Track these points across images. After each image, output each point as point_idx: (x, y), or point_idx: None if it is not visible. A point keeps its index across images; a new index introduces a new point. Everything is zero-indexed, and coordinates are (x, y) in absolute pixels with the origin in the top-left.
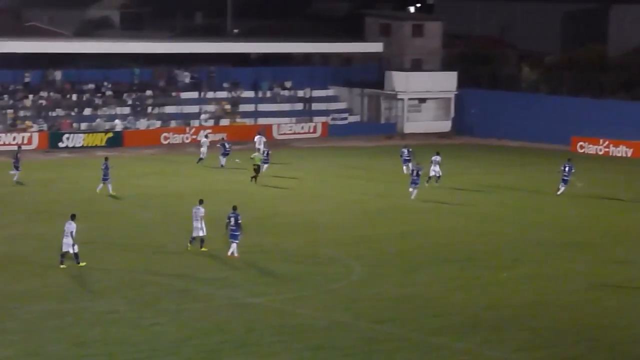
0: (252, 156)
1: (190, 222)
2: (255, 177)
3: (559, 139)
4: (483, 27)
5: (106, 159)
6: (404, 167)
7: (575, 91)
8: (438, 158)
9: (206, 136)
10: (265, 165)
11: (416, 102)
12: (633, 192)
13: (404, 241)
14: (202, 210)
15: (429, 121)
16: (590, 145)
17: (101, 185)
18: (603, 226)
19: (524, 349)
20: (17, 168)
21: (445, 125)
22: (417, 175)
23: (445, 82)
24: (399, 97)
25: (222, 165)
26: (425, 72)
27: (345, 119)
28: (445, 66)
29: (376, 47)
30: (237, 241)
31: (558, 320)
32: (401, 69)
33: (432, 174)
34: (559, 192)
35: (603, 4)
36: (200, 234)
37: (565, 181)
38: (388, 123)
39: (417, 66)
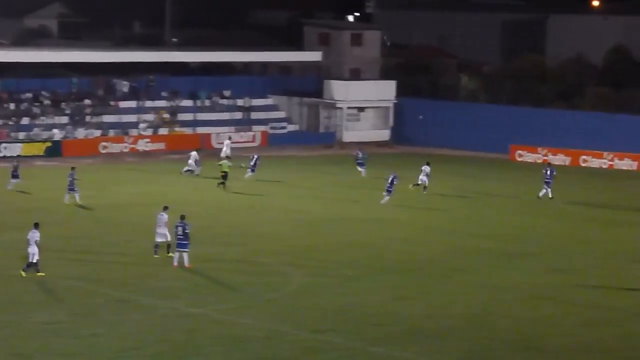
0: (219, 163)
1: (153, 230)
2: (222, 183)
3: (498, 147)
4: (422, 36)
5: (72, 168)
6: (359, 170)
7: (513, 100)
8: (427, 168)
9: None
10: (250, 173)
11: (355, 111)
12: (571, 200)
13: (345, 251)
14: (166, 216)
15: (367, 130)
16: (529, 154)
17: (68, 195)
18: (543, 235)
19: (465, 359)
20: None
21: (384, 134)
22: (392, 183)
23: (384, 91)
24: (337, 106)
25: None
26: (364, 81)
27: (284, 128)
28: (384, 75)
29: (315, 56)
30: (186, 250)
31: (498, 330)
32: (340, 78)
33: (419, 182)
34: (540, 194)
35: (541, 14)
36: (165, 239)
37: (547, 183)
38: (327, 132)
39: (356, 75)
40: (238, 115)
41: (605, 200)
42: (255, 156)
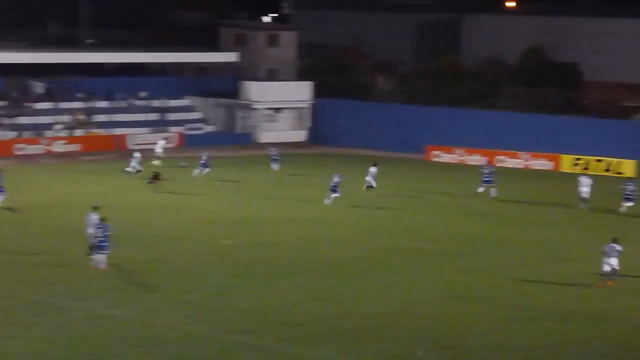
0: (152, 162)
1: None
2: (152, 182)
3: (414, 148)
4: (338, 37)
5: (0, 171)
6: (273, 166)
7: (429, 101)
8: (374, 169)
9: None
10: (207, 170)
11: (271, 112)
12: (488, 200)
13: (262, 251)
14: (95, 217)
15: (284, 131)
16: (445, 154)
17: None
18: (459, 234)
19: (382, 358)
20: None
21: (301, 135)
22: (337, 184)
23: (301, 92)
24: (254, 107)
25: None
26: (280, 82)
27: (201, 129)
28: (301, 76)
29: (231, 57)
30: (105, 252)
31: (414, 330)
32: (256, 79)
33: (367, 184)
34: (479, 190)
35: (456, 14)
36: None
37: (487, 182)
38: (243, 133)
39: (272, 76)
40: (154, 116)
41: (521, 199)
42: (206, 155)
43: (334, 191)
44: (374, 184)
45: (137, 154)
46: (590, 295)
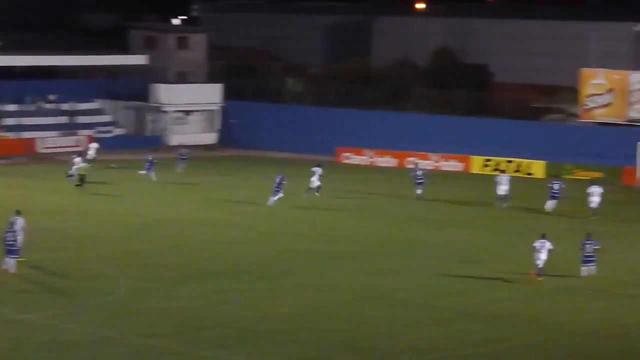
0: (80, 166)
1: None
2: (79, 184)
3: (324, 149)
4: (248, 39)
5: None
6: (179, 166)
7: (339, 102)
8: (318, 170)
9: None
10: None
11: (181, 114)
12: (399, 201)
13: (174, 255)
14: (20, 220)
15: (194, 134)
16: (355, 156)
17: None
18: (372, 236)
19: None
20: None
21: (211, 138)
22: (279, 184)
23: (210, 94)
24: (163, 109)
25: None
26: (190, 84)
27: (111, 131)
28: (211, 78)
29: (141, 59)
30: (16, 257)
31: (327, 332)
32: (166, 81)
33: (312, 185)
34: (418, 192)
35: (366, 16)
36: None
37: (419, 184)
38: (153, 136)
39: (182, 79)
40: (63, 119)
41: (432, 200)
42: (151, 157)
43: (277, 191)
44: (318, 184)
45: (77, 159)
46: (503, 296)
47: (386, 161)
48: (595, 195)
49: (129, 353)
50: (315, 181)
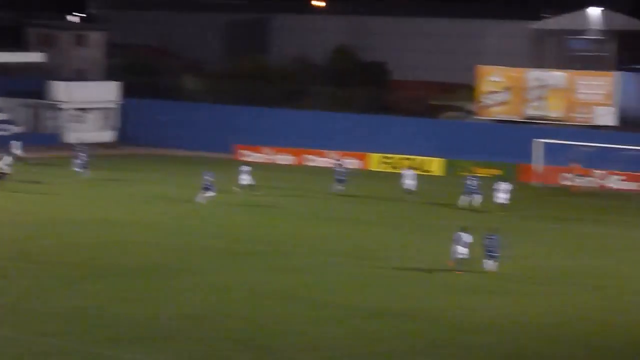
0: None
1: None
2: None
3: (222, 147)
4: (146, 37)
5: None
6: (77, 170)
7: (237, 100)
8: (246, 168)
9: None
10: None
11: (79, 112)
12: (299, 200)
13: (69, 253)
14: None
15: (92, 131)
16: (253, 154)
17: None
18: (268, 234)
19: (192, 359)
20: None
21: (109, 136)
22: (209, 183)
23: (108, 92)
24: (61, 107)
25: None
26: (87, 82)
27: (7, 130)
28: (109, 76)
29: (38, 57)
30: None
31: (225, 330)
32: (63, 79)
33: (244, 182)
34: (339, 189)
35: (265, 14)
36: None
37: (341, 181)
38: (51, 133)
39: (80, 76)
40: None
41: (331, 199)
42: (84, 155)
43: (208, 189)
44: (250, 182)
45: (7, 157)
46: (403, 293)
47: (284, 159)
48: (502, 192)
49: (26, 353)
50: (245, 179)
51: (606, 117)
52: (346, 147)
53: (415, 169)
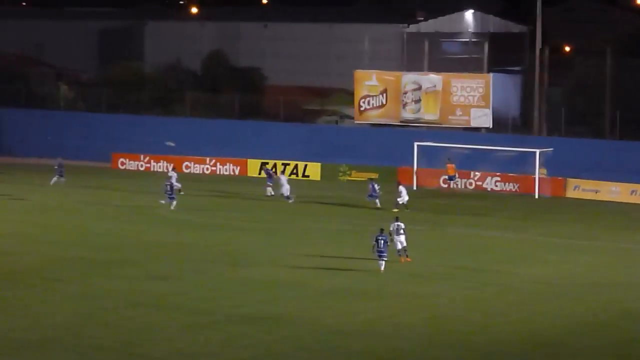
0: None
1: None
2: None
3: (100, 156)
4: (18, 45)
5: None
6: None
7: (113, 108)
8: (174, 174)
9: None
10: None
11: None
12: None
13: None
14: None
15: None
16: (131, 162)
17: None
18: (142, 242)
19: None
20: None
21: None
22: (171, 189)
23: None
24: None
25: None
26: None
27: None
28: None
29: None
30: None
31: (97, 338)
32: None
33: (175, 186)
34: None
35: (138, 21)
36: None
37: (269, 186)
38: None
39: None
40: None
41: (206, 205)
42: (60, 161)
43: (172, 198)
44: (177, 185)
45: None
46: (276, 298)
47: (161, 166)
48: (404, 194)
49: None
50: (173, 184)
51: (482, 118)
52: (224, 153)
53: (294, 173)
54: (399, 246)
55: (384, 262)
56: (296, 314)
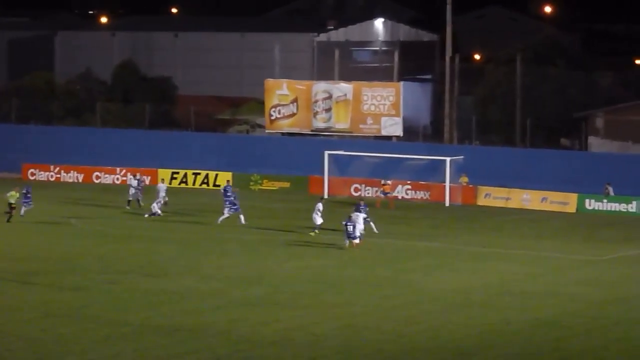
0: None
1: None
2: None
3: (10, 166)
4: None
5: None
6: None
7: (23, 119)
8: (135, 182)
9: None
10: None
11: None
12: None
13: None
14: None
15: None
16: (42, 172)
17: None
18: (54, 252)
19: None
20: None
21: None
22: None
23: None
24: None
25: None
26: None
27: None
28: None
29: None
30: None
31: (15, 350)
32: None
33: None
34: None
35: (49, 31)
36: None
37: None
38: None
39: None
40: None
41: (116, 215)
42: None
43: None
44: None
45: None
46: (192, 309)
47: (72, 176)
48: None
49: None
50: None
51: (393, 127)
52: (136, 163)
53: (205, 183)
54: (357, 233)
55: (349, 241)
56: (210, 324)
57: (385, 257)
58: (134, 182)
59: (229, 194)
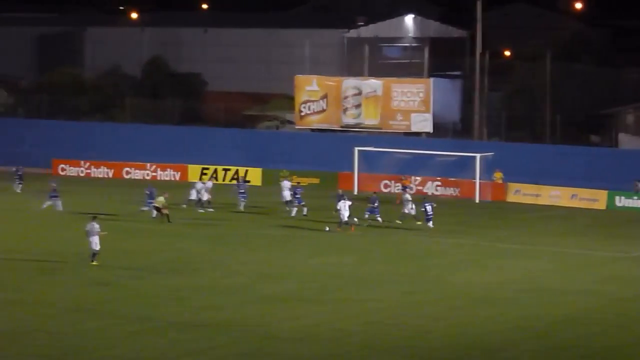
0: None
1: None
2: None
3: (40, 162)
4: None
5: None
6: None
7: (52, 114)
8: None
9: None
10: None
11: None
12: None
13: None
14: None
15: None
16: (72, 168)
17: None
18: (78, 248)
19: None
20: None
21: None
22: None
23: None
24: None
25: None
26: None
27: None
28: None
29: None
30: None
31: (34, 346)
32: None
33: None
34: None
35: (78, 27)
36: None
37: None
38: None
39: None
40: None
41: (146, 211)
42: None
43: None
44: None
45: None
46: (218, 304)
47: (102, 172)
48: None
49: None
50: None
51: (422, 123)
52: (164, 159)
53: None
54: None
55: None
56: (237, 319)
57: (412, 254)
58: (199, 185)
59: (297, 195)
